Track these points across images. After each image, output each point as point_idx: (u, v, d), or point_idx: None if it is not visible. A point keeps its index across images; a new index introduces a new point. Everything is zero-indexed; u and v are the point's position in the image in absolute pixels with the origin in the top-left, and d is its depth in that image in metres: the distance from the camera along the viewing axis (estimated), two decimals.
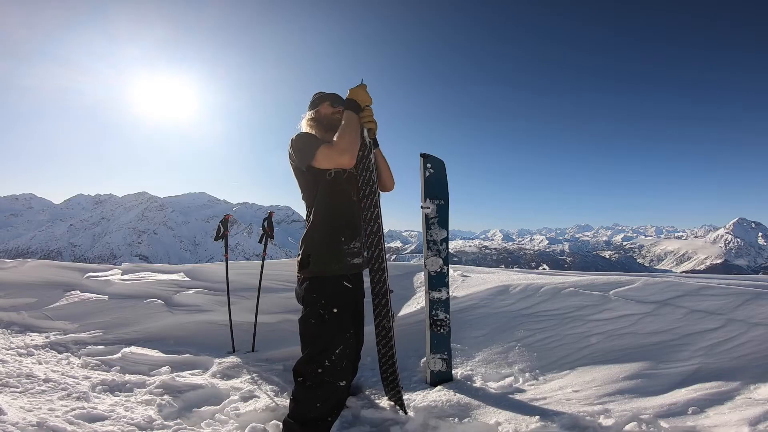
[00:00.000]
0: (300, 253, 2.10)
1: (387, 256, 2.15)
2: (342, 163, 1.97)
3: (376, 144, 2.19)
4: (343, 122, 2.05)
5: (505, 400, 2.19)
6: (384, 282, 2.14)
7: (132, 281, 4.59)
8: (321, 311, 1.95)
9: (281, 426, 1.98)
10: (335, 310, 1.95)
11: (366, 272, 2.22)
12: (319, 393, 1.90)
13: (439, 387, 2.38)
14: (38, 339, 3.55)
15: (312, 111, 2.25)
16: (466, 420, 2.02)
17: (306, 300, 2.03)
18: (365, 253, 2.17)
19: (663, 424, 1.84)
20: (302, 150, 2.05)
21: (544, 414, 1.97)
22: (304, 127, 2.25)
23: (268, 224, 3.53)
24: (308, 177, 2.11)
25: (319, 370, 1.90)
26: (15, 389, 2.41)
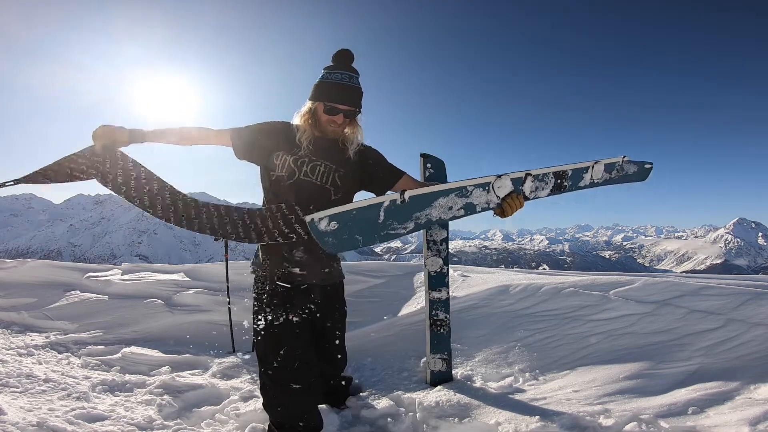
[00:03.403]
0: None
1: (387, 256, 2.12)
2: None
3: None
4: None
5: (505, 400, 2.19)
6: None
7: (132, 281, 4.59)
8: (262, 309, 1.87)
9: None
10: (273, 309, 1.84)
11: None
12: (276, 395, 1.83)
13: (439, 387, 2.38)
14: (38, 339, 3.55)
15: (315, 102, 1.83)
16: (466, 420, 2.02)
17: (254, 297, 1.96)
18: (324, 269, 1.95)
19: (663, 424, 1.84)
20: None
21: (544, 414, 1.97)
22: (302, 112, 1.87)
23: None
24: (260, 171, 1.94)
25: (269, 372, 1.82)
26: (15, 389, 2.40)
